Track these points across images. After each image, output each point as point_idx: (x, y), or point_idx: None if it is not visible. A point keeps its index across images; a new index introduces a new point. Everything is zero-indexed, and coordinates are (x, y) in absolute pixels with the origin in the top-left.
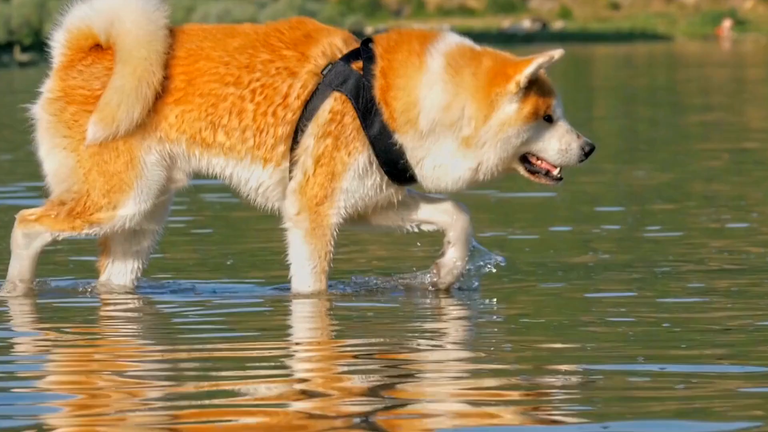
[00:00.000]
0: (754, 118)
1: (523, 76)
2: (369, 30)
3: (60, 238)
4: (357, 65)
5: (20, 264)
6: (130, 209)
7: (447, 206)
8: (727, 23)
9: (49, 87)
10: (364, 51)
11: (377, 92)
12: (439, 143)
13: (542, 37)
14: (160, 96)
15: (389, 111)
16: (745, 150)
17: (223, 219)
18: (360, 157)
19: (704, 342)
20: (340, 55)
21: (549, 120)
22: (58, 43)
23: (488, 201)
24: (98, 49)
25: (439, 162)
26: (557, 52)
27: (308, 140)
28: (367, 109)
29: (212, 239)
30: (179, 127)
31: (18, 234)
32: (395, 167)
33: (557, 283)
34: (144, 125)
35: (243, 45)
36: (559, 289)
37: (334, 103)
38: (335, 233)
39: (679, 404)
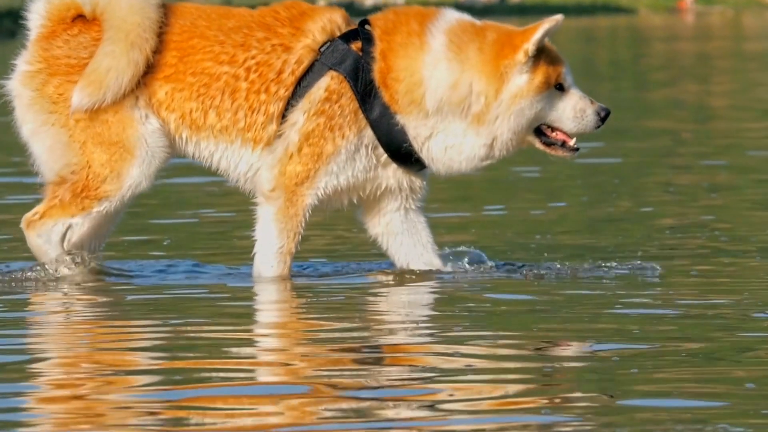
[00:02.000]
0: (714, 93)
1: (531, 43)
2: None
3: (74, 224)
4: (356, 46)
5: (55, 258)
6: (135, 177)
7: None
8: None
9: (27, 59)
10: (362, 32)
11: (377, 75)
12: (446, 122)
13: (500, 10)
14: (149, 70)
15: (390, 93)
16: (707, 128)
17: (160, 195)
18: (354, 139)
19: (651, 327)
20: (339, 33)
21: (560, 88)
22: (37, 14)
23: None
24: (83, 19)
25: (451, 142)
26: (559, 16)
27: (297, 116)
28: (366, 92)
29: (149, 217)
30: (169, 105)
31: (32, 239)
32: (398, 150)
33: (502, 262)
34: (133, 98)
35: (238, 25)
36: (507, 270)
37: (330, 81)
38: (308, 215)
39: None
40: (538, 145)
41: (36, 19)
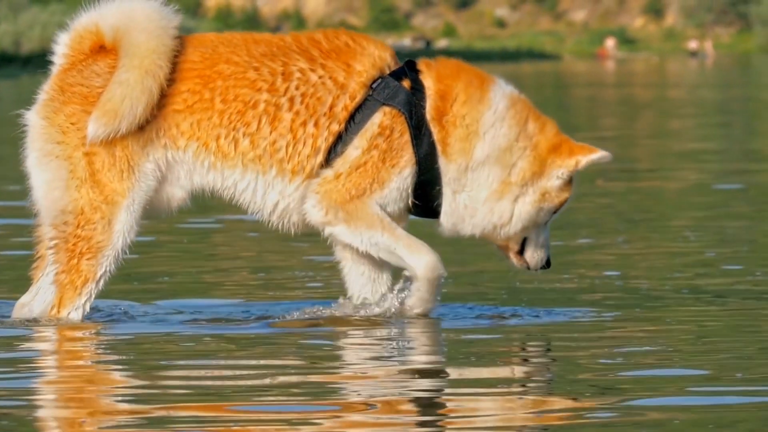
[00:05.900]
0: (632, 136)
1: (587, 159)
2: None
3: (91, 295)
4: (405, 83)
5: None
6: (125, 222)
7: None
8: (610, 42)
9: (45, 89)
10: (409, 72)
11: (430, 113)
12: (476, 183)
13: (426, 55)
14: (168, 100)
15: (442, 134)
16: (630, 170)
17: None
18: (405, 170)
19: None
20: (389, 70)
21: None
22: (62, 45)
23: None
24: (102, 50)
25: (471, 204)
26: (611, 155)
27: (352, 152)
28: (417, 127)
29: None
30: (192, 134)
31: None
32: (431, 192)
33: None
34: (146, 130)
35: (272, 52)
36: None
37: (383, 117)
38: (380, 212)
39: None
40: (513, 250)
41: (60, 49)
